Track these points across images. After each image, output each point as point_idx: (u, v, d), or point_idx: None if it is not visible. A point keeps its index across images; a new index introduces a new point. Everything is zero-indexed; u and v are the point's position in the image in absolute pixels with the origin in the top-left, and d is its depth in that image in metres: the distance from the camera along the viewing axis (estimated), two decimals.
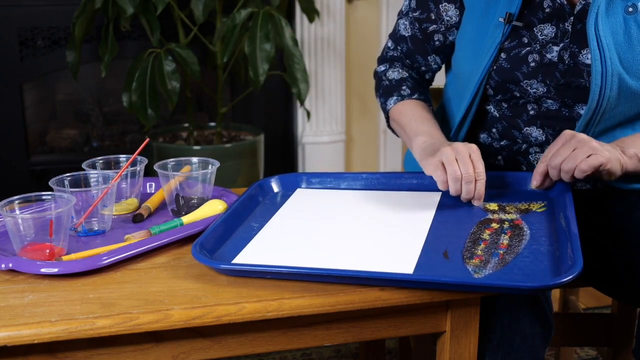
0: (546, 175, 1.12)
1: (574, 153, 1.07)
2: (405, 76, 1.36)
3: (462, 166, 1.08)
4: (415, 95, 1.33)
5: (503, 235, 1.01)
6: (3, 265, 0.95)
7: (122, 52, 2.44)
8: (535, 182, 1.12)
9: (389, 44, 1.40)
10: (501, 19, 1.20)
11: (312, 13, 2.46)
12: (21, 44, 2.56)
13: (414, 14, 1.33)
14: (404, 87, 1.34)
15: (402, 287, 0.89)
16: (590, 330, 1.46)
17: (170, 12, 2.29)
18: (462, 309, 0.94)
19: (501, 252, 0.96)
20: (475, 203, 1.10)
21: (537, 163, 1.24)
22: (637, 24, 1.13)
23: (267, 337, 0.91)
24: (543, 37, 1.19)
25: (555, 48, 1.18)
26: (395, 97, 1.34)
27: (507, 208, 1.10)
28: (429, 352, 1.33)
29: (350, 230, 1.06)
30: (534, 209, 1.09)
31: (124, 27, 2.25)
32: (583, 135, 1.09)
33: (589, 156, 1.06)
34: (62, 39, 2.59)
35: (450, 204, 1.14)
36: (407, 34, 1.35)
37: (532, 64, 1.19)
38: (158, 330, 0.85)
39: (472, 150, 1.11)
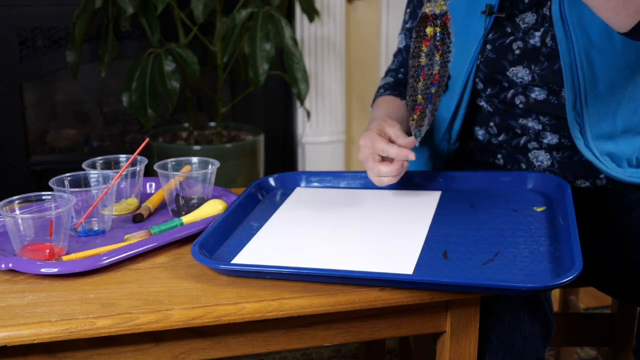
0: None
1: None
2: (388, 82, 1.43)
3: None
4: (387, 92, 1.39)
5: (436, 52, 1.04)
6: (3, 265, 0.95)
7: (122, 52, 2.44)
8: None
9: (392, 60, 1.47)
10: (482, 12, 1.23)
11: (312, 13, 2.46)
12: (21, 44, 2.56)
13: (407, 25, 1.40)
14: (380, 91, 1.41)
15: (402, 287, 0.89)
16: (590, 330, 1.46)
17: (170, 12, 2.29)
18: (462, 309, 0.94)
19: (433, 89, 1.05)
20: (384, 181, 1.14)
21: (536, 161, 1.24)
22: None
23: (267, 337, 0.91)
24: (525, 25, 1.21)
25: (537, 33, 1.20)
26: (372, 104, 1.41)
27: None
28: (429, 352, 1.33)
29: (349, 229, 1.06)
30: None
31: (124, 27, 2.25)
32: None
33: None
34: (62, 39, 2.58)
35: (450, 203, 1.14)
36: (402, 46, 1.42)
37: (517, 52, 1.22)
38: (158, 330, 0.85)
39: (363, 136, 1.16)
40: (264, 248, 1.01)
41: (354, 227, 1.07)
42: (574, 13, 1.14)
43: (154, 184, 1.28)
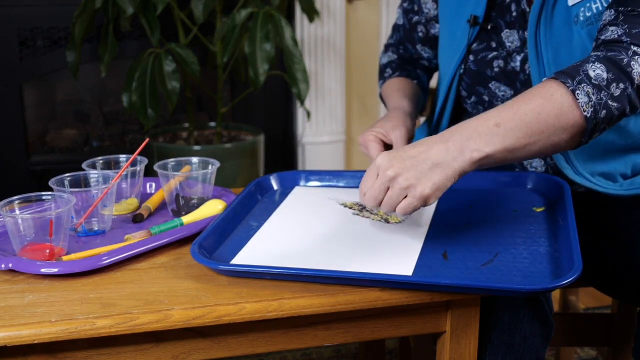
0: None
1: (388, 195, 0.94)
2: (393, 59, 1.44)
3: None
4: (397, 74, 1.42)
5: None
6: (3, 265, 0.95)
7: (122, 52, 2.44)
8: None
9: (390, 33, 1.49)
10: (467, 21, 1.22)
11: (312, 13, 2.46)
12: (21, 44, 2.56)
13: (404, 4, 1.41)
14: (387, 70, 1.44)
15: (402, 287, 0.89)
16: (590, 330, 1.46)
17: (170, 12, 2.29)
18: (462, 309, 0.94)
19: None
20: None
21: (529, 167, 1.24)
22: (578, 33, 1.12)
23: (267, 337, 0.91)
24: (509, 44, 1.20)
25: (518, 57, 1.20)
26: (380, 82, 1.44)
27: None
28: (429, 352, 1.33)
29: (348, 229, 1.06)
30: (392, 221, 1.05)
31: (124, 28, 2.25)
32: (397, 166, 0.93)
33: (405, 196, 0.93)
34: (62, 39, 2.58)
35: (449, 203, 1.13)
36: (399, 23, 1.43)
37: (496, 69, 1.21)
38: (158, 330, 0.85)
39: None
40: (263, 248, 1.01)
41: (352, 226, 1.07)
42: (549, 42, 1.13)
43: (154, 184, 1.28)
